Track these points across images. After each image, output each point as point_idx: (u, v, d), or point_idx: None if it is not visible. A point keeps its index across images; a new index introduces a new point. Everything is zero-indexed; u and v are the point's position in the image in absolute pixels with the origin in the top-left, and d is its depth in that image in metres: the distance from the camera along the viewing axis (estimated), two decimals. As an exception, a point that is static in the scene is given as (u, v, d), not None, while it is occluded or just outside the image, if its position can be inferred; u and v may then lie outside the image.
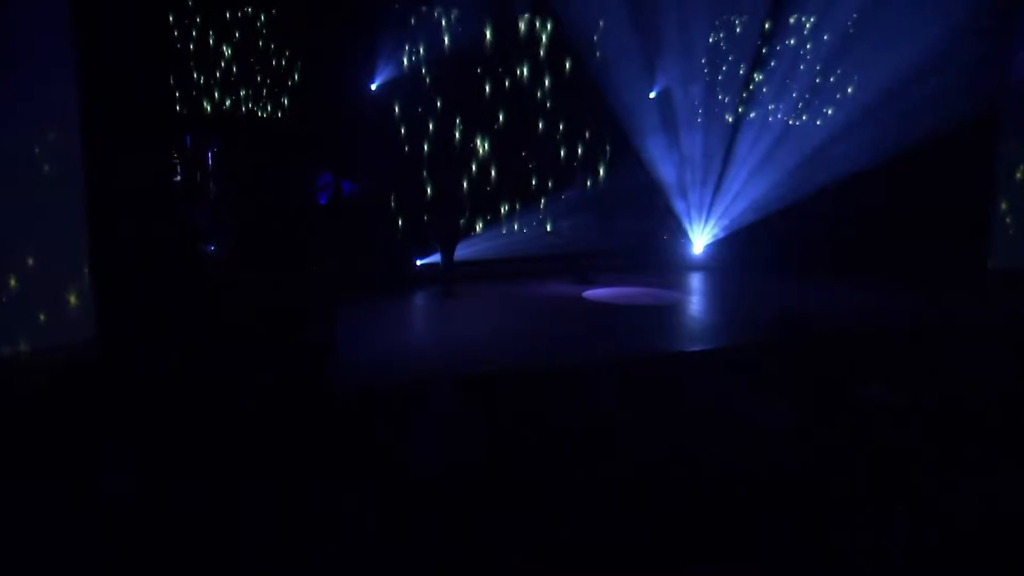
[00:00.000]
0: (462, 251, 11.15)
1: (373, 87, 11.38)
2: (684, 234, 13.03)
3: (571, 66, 12.53)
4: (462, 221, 10.61)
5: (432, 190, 11.03)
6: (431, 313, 9.61)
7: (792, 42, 12.33)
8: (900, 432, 5.08)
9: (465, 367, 6.68)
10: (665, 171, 12.56)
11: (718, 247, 12.85)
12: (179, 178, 10.23)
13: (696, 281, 12.00)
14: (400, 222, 11.59)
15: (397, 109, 11.59)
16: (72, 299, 7.28)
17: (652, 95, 12.69)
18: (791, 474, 4.47)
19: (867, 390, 5.57)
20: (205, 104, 10.72)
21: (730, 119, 12.65)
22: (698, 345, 7.79)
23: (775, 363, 6.64)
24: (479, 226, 12.32)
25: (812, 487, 4.37)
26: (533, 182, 12.72)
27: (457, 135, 12.05)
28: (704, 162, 12.67)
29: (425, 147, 11.83)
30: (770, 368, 6.55)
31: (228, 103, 10.88)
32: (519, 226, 12.61)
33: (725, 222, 12.71)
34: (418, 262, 11.57)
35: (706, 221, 12.90)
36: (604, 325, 8.64)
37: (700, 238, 13.06)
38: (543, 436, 5.17)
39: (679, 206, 12.85)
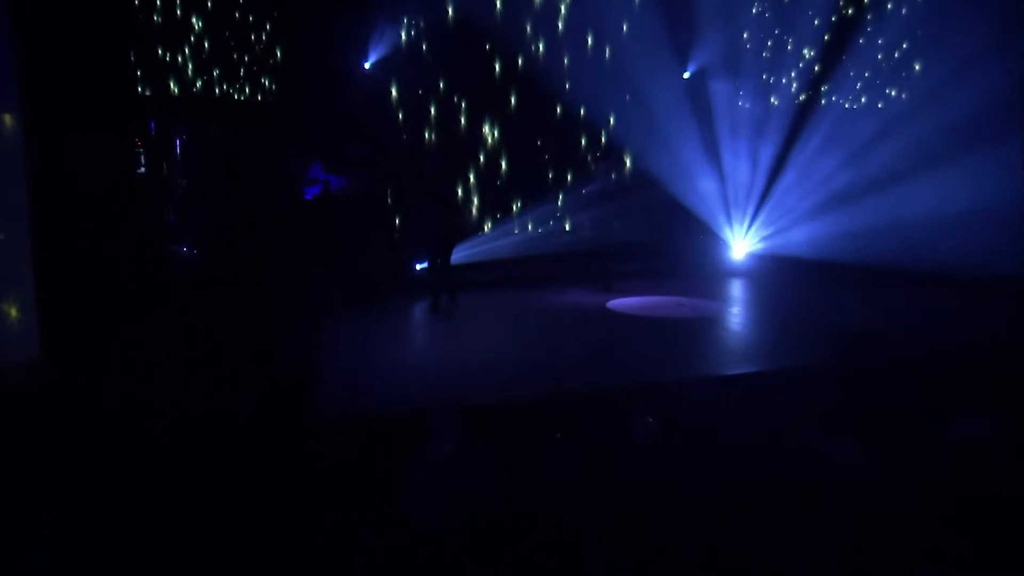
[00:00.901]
0: (466, 253, 11.00)
1: (367, 66, 11.27)
2: (722, 237, 12.93)
3: (594, 41, 12.37)
4: (459, 220, 10.16)
5: (426, 183, 10.66)
6: (432, 326, 9.19)
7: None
8: (1006, 477, 4.65)
9: (469, 393, 6.34)
10: (704, 166, 12.56)
11: (760, 254, 12.80)
12: (142, 169, 10.04)
13: (736, 289, 11.81)
14: (398, 220, 11.32)
15: (394, 92, 11.49)
16: (12, 312, 6.77)
17: (686, 75, 12.71)
18: (861, 531, 4.09)
19: (963, 426, 5.13)
20: (172, 85, 10.54)
21: (786, 110, 12.66)
22: (745, 367, 7.35)
23: (842, 391, 6.07)
24: (487, 225, 12.23)
25: (896, 547, 3.99)
26: (549, 174, 12.54)
27: (463, 121, 11.94)
28: (750, 159, 12.67)
29: (426, 135, 11.74)
30: (836, 397, 5.98)
31: (199, 84, 10.71)
32: (533, 225, 12.46)
33: (772, 233, 12.69)
34: (418, 266, 11.34)
35: (750, 226, 12.82)
36: (633, 342, 8.37)
37: (741, 243, 12.93)
38: (560, 478, 4.88)
39: (717, 205, 12.81)
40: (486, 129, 12.11)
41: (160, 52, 10.42)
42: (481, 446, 5.06)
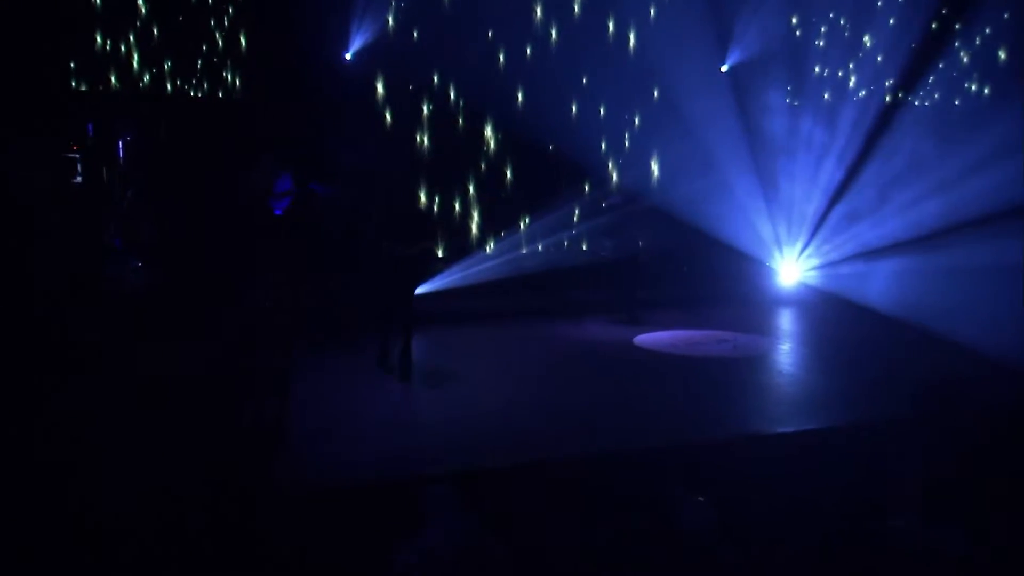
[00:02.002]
0: (459, 276, 11.09)
1: (348, 56, 11.22)
2: (769, 260, 12.89)
3: (615, 29, 12.32)
4: (430, 247, 9.49)
5: (396, 196, 10.14)
6: (421, 372, 8.62)
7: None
8: None
9: (469, 459, 5.97)
10: (748, 177, 12.53)
11: (814, 281, 12.66)
12: (79, 179, 9.90)
13: (784, 321, 11.69)
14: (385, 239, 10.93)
15: (380, 87, 11.49)
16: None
17: (724, 68, 12.70)
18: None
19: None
20: (114, 79, 10.37)
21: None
22: (805, 422, 7.00)
23: (932, 453, 5.61)
24: (490, 244, 12.25)
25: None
26: (562, 184, 12.46)
27: (461, 121, 11.98)
28: (808, 173, 12.64)
29: (418, 138, 11.72)
30: (924, 461, 5.53)
31: (147, 78, 10.55)
32: (542, 243, 12.42)
33: (829, 253, 12.64)
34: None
35: (804, 247, 12.75)
36: (667, 387, 8.05)
37: (791, 268, 12.82)
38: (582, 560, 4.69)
39: (765, 222, 12.79)
40: (488, 131, 12.16)
41: (99, 41, 10.24)
42: (487, 527, 4.75)
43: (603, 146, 12.72)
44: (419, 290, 8.98)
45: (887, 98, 12.75)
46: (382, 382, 8.10)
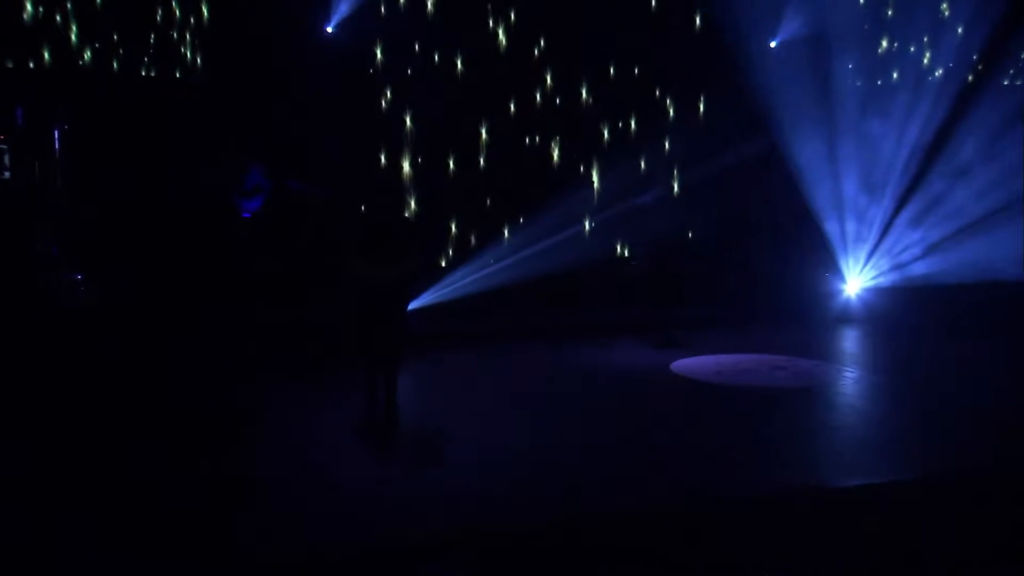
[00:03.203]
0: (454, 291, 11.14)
1: (329, 30, 11.31)
2: (830, 269, 12.98)
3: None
4: (414, 265, 8.99)
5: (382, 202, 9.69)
6: (418, 409, 8.24)
7: None
8: None
9: (479, 519, 5.60)
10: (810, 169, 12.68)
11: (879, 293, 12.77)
12: (6, 174, 9.96)
13: (847, 342, 11.56)
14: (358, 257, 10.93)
15: (366, 65, 11.58)
16: None
17: (773, 44, 13.01)
18: None
19: None
20: (47, 55, 10.29)
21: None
22: (881, 472, 6.56)
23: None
24: (496, 254, 12.28)
25: None
26: (595, 182, 12.54)
27: (459, 106, 11.95)
28: (873, 167, 12.90)
29: (408, 122, 11.76)
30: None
31: (88, 54, 10.44)
32: (560, 250, 12.36)
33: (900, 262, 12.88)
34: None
35: (869, 255, 12.91)
36: (716, 425, 7.65)
37: (855, 278, 12.91)
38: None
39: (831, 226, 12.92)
40: (493, 117, 12.26)
41: (29, 8, 10.16)
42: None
43: (632, 127, 12.92)
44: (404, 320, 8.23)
45: (969, 78, 12.92)
46: (364, 428, 7.67)
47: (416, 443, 7.30)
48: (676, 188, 12.75)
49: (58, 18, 10.22)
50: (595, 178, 12.79)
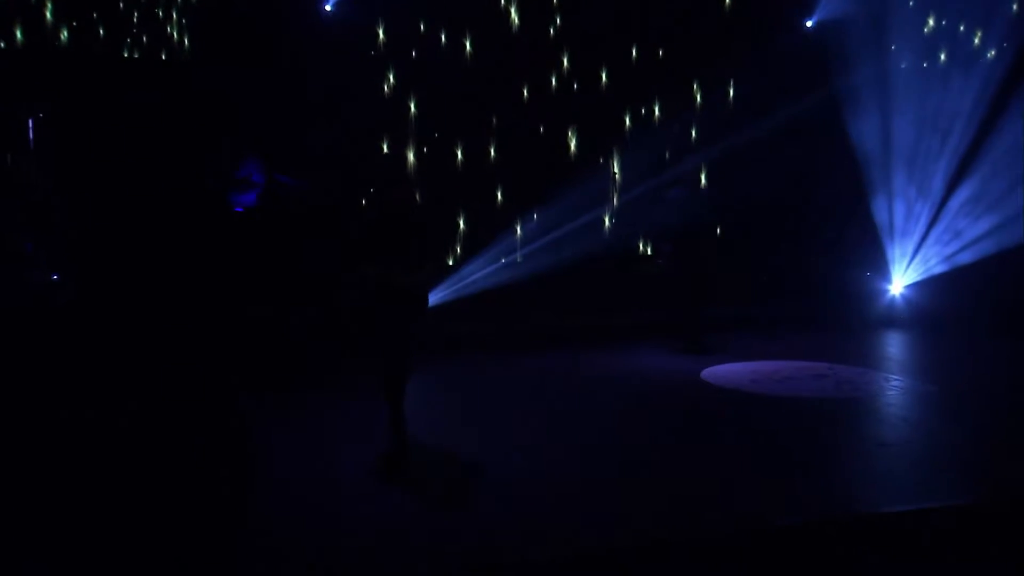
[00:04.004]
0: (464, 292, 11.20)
1: (328, 7, 11.28)
2: (882, 266, 13.02)
3: None
4: (433, 270, 8.70)
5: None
6: (425, 429, 7.86)
7: None
8: None
9: (490, 550, 5.23)
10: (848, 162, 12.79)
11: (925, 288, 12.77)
12: None
13: (893, 347, 11.54)
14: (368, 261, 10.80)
15: (370, 46, 11.55)
16: None
17: (809, 24, 13.09)
18: None
19: None
20: (19, 33, 10.20)
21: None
22: (942, 494, 6.20)
23: None
24: (515, 248, 12.35)
25: None
26: (617, 174, 12.61)
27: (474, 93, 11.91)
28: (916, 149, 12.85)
29: (412, 108, 11.70)
30: None
31: (66, 33, 10.31)
32: (579, 243, 12.41)
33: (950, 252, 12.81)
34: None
35: (916, 249, 12.90)
36: (756, 442, 7.34)
37: (902, 276, 12.96)
38: None
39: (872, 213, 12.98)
40: (509, 105, 12.19)
41: None
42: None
43: (655, 110, 12.90)
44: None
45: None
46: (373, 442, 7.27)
47: (435, 470, 6.91)
48: (704, 179, 12.70)
49: (34, -7, 9.94)
50: (615, 168, 12.80)
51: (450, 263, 11.76)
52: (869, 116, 12.79)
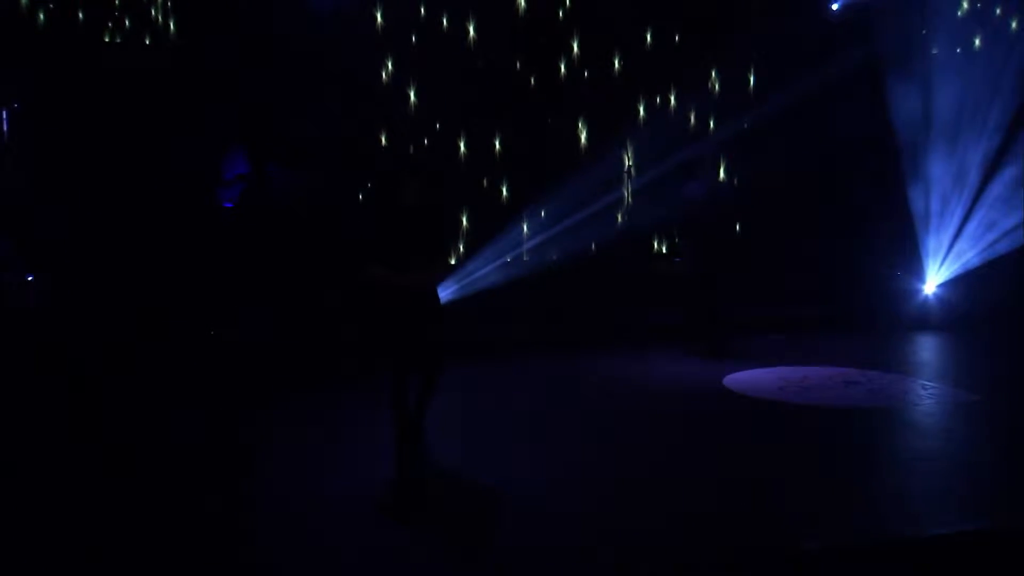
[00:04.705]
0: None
1: None
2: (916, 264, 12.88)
3: None
4: (444, 267, 8.64)
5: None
6: (450, 434, 7.72)
7: None
8: None
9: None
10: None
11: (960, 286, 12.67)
12: None
13: (927, 351, 11.51)
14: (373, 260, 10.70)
15: (371, 26, 11.51)
16: None
17: (835, 7, 13.05)
18: None
19: None
20: None
21: None
22: (996, 515, 5.87)
23: None
24: (522, 246, 12.29)
25: None
26: (629, 163, 12.51)
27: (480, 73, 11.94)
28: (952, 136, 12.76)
29: (411, 96, 11.61)
30: None
31: (42, 16, 10.25)
32: (591, 241, 12.46)
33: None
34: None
35: (952, 242, 12.80)
36: (785, 456, 7.09)
37: (936, 274, 12.83)
38: None
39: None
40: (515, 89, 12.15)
41: None
42: None
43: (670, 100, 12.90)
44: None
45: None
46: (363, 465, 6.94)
47: (451, 494, 6.50)
48: (724, 171, 12.68)
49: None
50: (629, 159, 12.71)
51: (452, 261, 11.70)
52: (901, 98, 12.75)
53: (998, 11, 13.15)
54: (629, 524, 5.67)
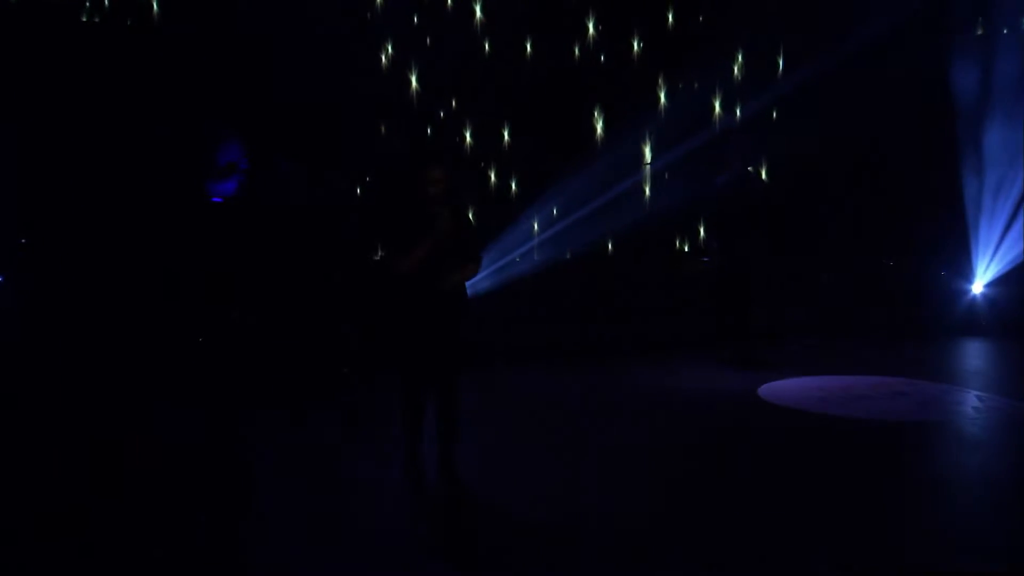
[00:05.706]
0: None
1: None
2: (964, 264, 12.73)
3: None
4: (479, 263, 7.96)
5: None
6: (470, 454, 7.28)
7: None
8: None
9: None
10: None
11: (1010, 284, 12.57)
12: None
13: (977, 359, 11.24)
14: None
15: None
16: None
17: None
18: None
19: None
20: None
21: None
22: None
23: None
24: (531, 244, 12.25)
25: None
26: (647, 153, 12.42)
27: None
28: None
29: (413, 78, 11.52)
30: None
31: None
32: (608, 238, 12.35)
33: None
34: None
35: (1001, 238, 12.71)
36: (834, 476, 6.77)
37: (984, 271, 12.74)
38: None
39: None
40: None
41: None
42: None
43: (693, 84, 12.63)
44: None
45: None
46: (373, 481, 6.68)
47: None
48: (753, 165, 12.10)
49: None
50: (649, 151, 12.61)
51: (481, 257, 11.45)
52: (943, 83, 12.60)
53: None
54: (654, 552, 5.25)
